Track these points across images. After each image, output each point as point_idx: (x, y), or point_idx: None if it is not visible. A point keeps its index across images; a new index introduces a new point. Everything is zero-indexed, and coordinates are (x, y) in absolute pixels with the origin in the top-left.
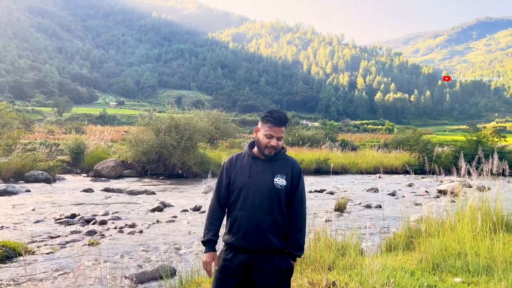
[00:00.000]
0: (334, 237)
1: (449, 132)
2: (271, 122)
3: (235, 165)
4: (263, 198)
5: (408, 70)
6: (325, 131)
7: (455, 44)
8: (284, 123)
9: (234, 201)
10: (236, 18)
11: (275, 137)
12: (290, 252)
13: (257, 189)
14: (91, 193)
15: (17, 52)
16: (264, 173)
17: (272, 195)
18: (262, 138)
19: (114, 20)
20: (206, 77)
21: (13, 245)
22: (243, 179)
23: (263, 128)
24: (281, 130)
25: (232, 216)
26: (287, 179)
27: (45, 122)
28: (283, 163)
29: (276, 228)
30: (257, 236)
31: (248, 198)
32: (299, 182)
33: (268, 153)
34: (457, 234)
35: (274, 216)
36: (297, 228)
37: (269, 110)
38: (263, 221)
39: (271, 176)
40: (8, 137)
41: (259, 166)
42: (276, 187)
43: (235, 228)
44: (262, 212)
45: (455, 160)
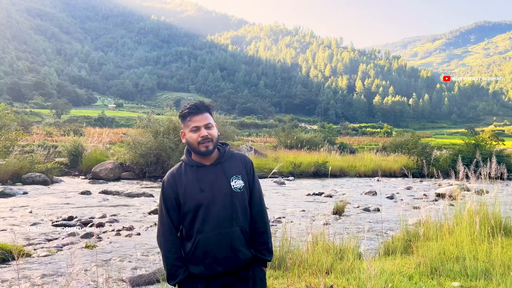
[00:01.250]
0: (332, 241)
1: (447, 135)
2: (189, 113)
3: (180, 182)
4: (226, 210)
5: (406, 74)
6: (323, 134)
7: (454, 48)
8: (203, 108)
9: (190, 224)
10: (235, 21)
11: (202, 126)
12: (260, 258)
13: (216, 201)
14: (89, 196)
15: (16, 54)
16: (217, 180)
17: (234, 202)
18: (190, 136)
19: (113, 22)
20: (205, 79)
21: (9, 248)
22: (195, 196)
23: (186, 125)
24: (204, 117)
25: (191, 241)
26: (243, 178)
27: (43, 124)
28: (232, 162)
29: (245, 238)
30: (231, 255)
31: (209, 216)
32: (254, 178)
33: (205, 148)
34: (456, 238)
35: (241, 226)
36: (262, 229)
37: (182, 106)
38: (233, 235)
39: (226, 181)
40: (6, 139)
41: (208, 174)
42: (235, 192)
43: (199, 255)
44: (229, 226)
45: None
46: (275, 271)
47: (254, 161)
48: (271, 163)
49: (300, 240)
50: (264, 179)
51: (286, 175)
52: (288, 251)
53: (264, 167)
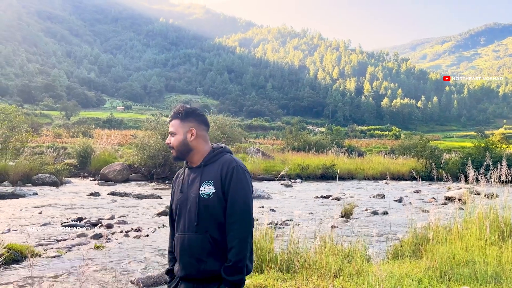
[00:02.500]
0: (340, 244)
1: (456, 138)
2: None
3: (174, 182)
4: (192, 214)
5: (415, 76)
6: (331, 136)
7: (463, 50)
8: (172, 116)
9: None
10: (243, 23)
11: (169, 134)
12: (223, 277)
13: (187, 204)
14: (98, 197)
15: (26, 56)
16: (193, 184)
17: (200, 208)
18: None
19: (122, 25)
20: (213, 81)
21: (19, 248)
22: (176, 196)
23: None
24: (171, 125)
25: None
26: (215, 184)
27: (53, 126)
28: (214, 166)
29: (216, 248)
30: (194, 261)
31: (181, 218)
32: (231, 183)
33: (173, 155)
34: (465, 241)
35: (208, 234)
36: (230, 244)
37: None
38: (196, 242)
39: (198, 185)
40: (17, 140)
41: (190, 176)
42: (201, 198)
43: (176, 253)
44: (193, 231)
45: (463, 167)
46: (283, 273)
47: (261, 164)
48: (279, 166)
49: (308, 242)
50: (272, 181)
51: (294, 177)
52: (296, 253)
53: (271, 169)
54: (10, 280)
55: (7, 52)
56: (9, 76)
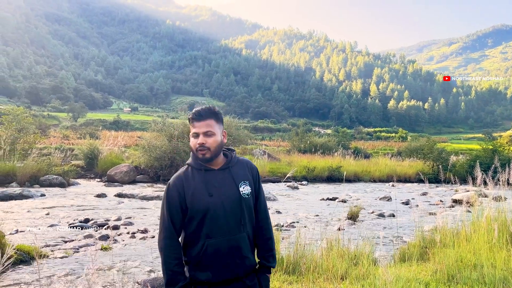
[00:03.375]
0: (347, 246)
1: (464, 140)
2: (192, 119)
3: (187, 185)
4: (235, 215)
5: (422, 78)
6: (337, 138)
7: (471, 52)
8: (205, 115)
9: (196, 228)
10: (249, 25)
11: (201, 133)
12: (266, 265)
13: (225, 207)
14: (104, 198)
15: (34, 58)
16: (226, 185)
17: (242, 208)
18: (191, 141)
19: (129, 27)
20: (219, 83)
21: (27, 249)
22: (204, 200)
23: (191, 130)
24: (205, 124)
25: (198, 246)
26: (250, 185)
27: (60, 127)
28: (240, 167)
29: (251, 244)
30: (239, 261)
31: (218, 221)
32: (259, 184)
33: (202, 156)
34: (473, 245)
35: (248, 231)
36: (268, 236)
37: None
38: (241, 241)
39: (234, 186)
40: (25, 141)
41: (217, 178)
42: (243, 198)
43: (207, 261)
44: (238, 232)
45: (471, 169)
46: (289, 276)
47: (267, 165)
48: (285, 167)
49: (314, 245)
50: (278, 183)
51: (300, 179)
52: (302, 256)
53: (277, 171)
54: (18, 281)
55: (16, 54)
56: (17, 78)
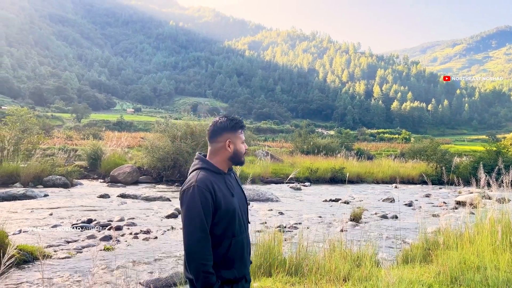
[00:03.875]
0: (350, 248)
1: (467, 142)
2: (242, 127)
3: (217, 186)
4: (246, 215)
5: (425, 79)
6: (340, 139)
7: (474, 53)
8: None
9: (225, 229)
10: (252, 26)
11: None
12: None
13: (240, 206)
14: (107, 199)
15: (38, 59)
16: (236, 187)
17: (247, 209)
18: (240, 147)
19: (132, 28)
20: (222, 84)
21: (30, 249)
22: (230, 201)
23: (237, 137)
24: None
25: (223, 246)
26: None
27: (64, 128)
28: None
29: None
30: (248, 256)
31: (238, 220)
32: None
33: (243, 160)
34: (476, 247)
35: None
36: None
37: (229, 117)
38: (249, 240)
39: (241, 189)
40: (28, 142)
41: (231, 181)
42: (247, 200)
43: (232, 258)
44: (247, 230)
45: (474, 171)
46: (292, 277)
47: (270, 167)
48: (287, 169)
49: (317, 246)
50: (281, 184)
51: (303, 180)
52: (305, 257)
53: (280, 172)
54: (21, 281)
55: (20, 55)
56: (21, 78)
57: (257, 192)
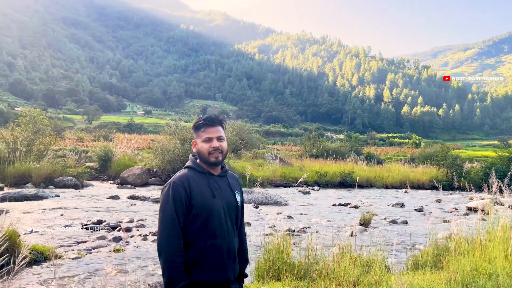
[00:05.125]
0: (359, 253)
1: (479, 147)
2: (203, 125)
3: (194, 184)
4: (232, 220)
5: (436, 84)
6: (350, 143)
7: (486, 58)
8: (217, 121)
9: (198, 228)
10: (262, 30)
11: (214, 138)
12: (243, 273)
13: (225, 210)
14: (117, 200)
15: (51, 61)
16: (225, 190)
17: (237, 214)
18: (201, 146)
19: (144, 31)
20: (232, 87)
21: (41, 249)
22: (208, 201)
23: (199, 136)
24: (217, 130)
25: (198, 247)
26: (240, 196)
27: (75, 129)
28: (232, 178)
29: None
30: (233, 264)
31: (220, 223)
32: (243, 197)
33: (215, 159)
34: (488, 254)
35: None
36: (245, 246)
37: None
38: (235, 245)
39: (231, 193)
40: (41, 143)
41: (218, 182)
42: (238, 206)
43: (207, 261)
44: (234, 235)
45: (486, 177)
46: (301, 281)
47: (279, 170)
48: (296, 172)
49: (326, 251)
50: (289, 188)
51: (311, 184)
52: (314, 261)
53: (289, 175)
54: (33, 281)
55: (33, 57)
56: (34, 80)
57: (265, 196)
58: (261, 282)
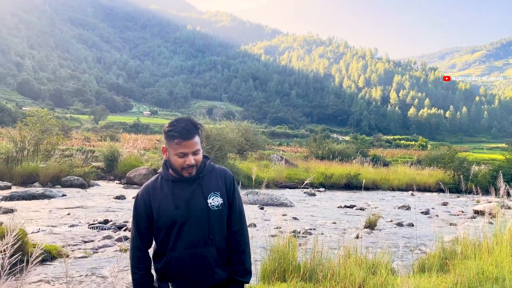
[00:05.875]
0: (365, 255)
1: (486, 150)
2: (177, 137)
3: (154, 197)
4: (202, 228)
5: (443, 86)
6: (356, 145)
7: (494, 60)
8: (193, 132)
9: (162, 241)
10: (268, 31)
11: (190, 153)
12: (236, 279)
13: (191, 219)
14: (123, 200)
15: (58, 61)
16: (193, 197)
17: (210, 221)
18: (174, 159)
19: (150, 32)
20: (238, 88)
21: (48, 248)
22: (170, 213)
23: (171, 147)
24: (193, 143)
25: (164, 259)
26: (222, 195)
27: (82, 129)
28: (212, 177)
29: (221, 258)
30: (203, 275)
31: (183, 234)
32: (234, 194)
33: (188, 174)
34: (495, 257)
35: (217, 245)
36: (239, 249)
37: (170, 123)
38: (208, 256)
39: (203, 198)
40: (48, 143)
41: (184, 190)
42: (212, 210)
43: (171, 274)
44: (204, 245)
45: (493, 180)
46: (306, 283)
47: (284, 171)
48: (302, 174)
49: (332, 252)
50: (295, 189)
51: (317, 186)
52: (320, 263)
53: (294, 177)
54: (40, 279)
55: (41, 57)
56: (42, 80)
57: (271, 197)
58: (266, 283)
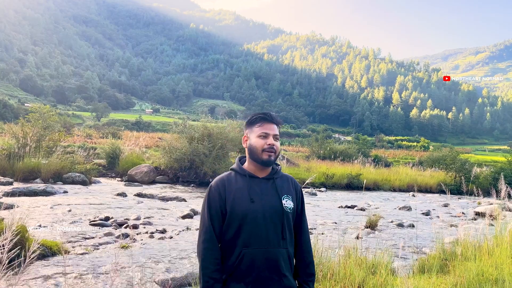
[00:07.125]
0: (365, 255)
1: (488, 152)
2: (261, 120)
3: (229, 189)
4: (276, 227)
5: (446, 87)
6: (358, 146)
7: (498, 61)
8: (275, 119)
9: (234, 235)
10: (272, 30)
11: (271, 135)
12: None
13: (265, 216)
14: (124, 197)
15: (61, 58)
16: (268, 194)
17: (283, 221)
18: (255, 141)
19: (153, 30)
20: (240, 87)
21: (49, 244)
22: (244, 206)
23: (253, 130)
24: (274, 127)
25: (234, 255)
26: (293, 200)
27: (84, 126)
28: (284, 180)
29: (290, 263)
30: (276, 277)
31: (257, 230)
32: (303, 203)
33: (268, 157)
34: (495, 259)
35: (287, 248)
36: (309, 259)
37: (255, 113)
38: (279, 256)
39: (277, 197)
40: (50, 139)
41: (260, 185)
42: (286, 212)
43: (243, 271)
44: (277, 245)
45: (495, 182)
46: None
47: (286, 170)
48: (303, 173)
49: (332, 252)
50: None
51: (318, 186)
52: (319, 263)
53: (295, 177)
54: (40, 275)
55: (44, 54)
56: (45, 77)
57: None
58: None
